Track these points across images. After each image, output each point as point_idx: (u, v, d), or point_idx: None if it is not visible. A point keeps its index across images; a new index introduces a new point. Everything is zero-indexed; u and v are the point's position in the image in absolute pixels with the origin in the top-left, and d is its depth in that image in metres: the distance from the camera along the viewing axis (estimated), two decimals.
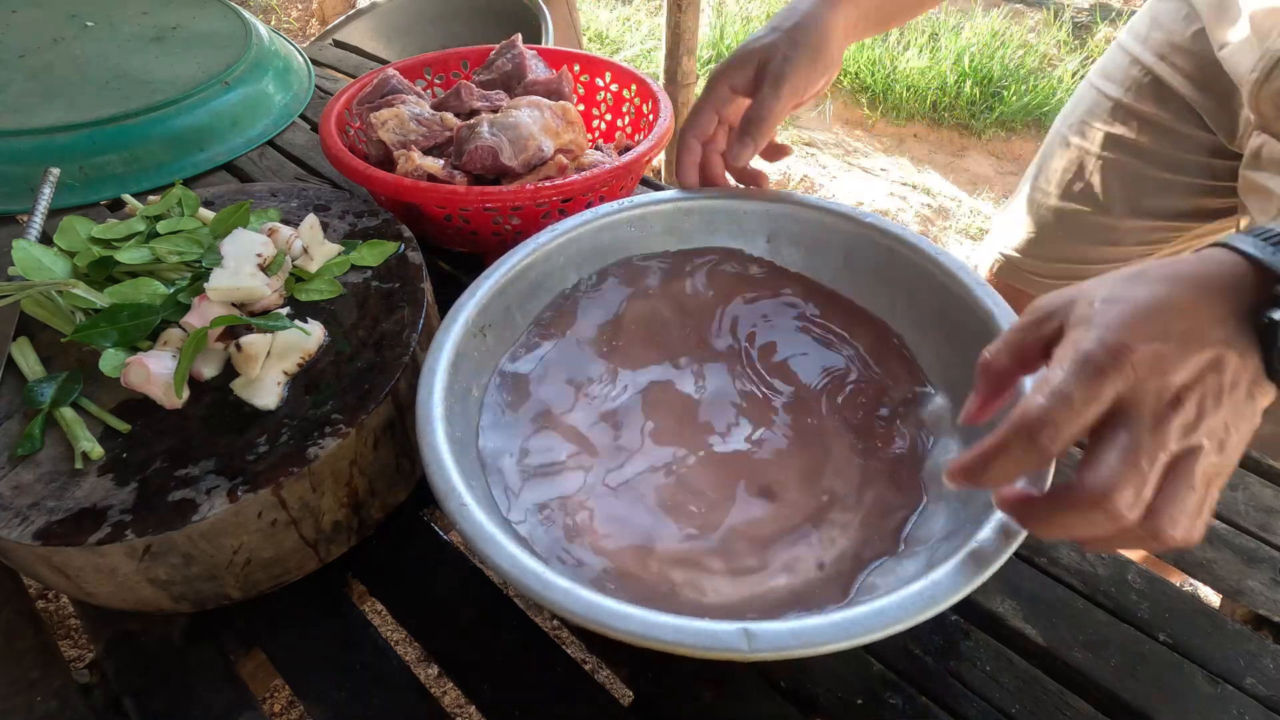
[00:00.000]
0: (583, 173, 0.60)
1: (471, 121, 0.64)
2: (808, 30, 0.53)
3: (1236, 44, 0.62)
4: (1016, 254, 0.85)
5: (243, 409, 0.44)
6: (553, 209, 0.61)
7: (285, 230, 0.54)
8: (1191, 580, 0.52)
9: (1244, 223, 0.67)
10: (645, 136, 0.66)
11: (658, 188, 0.79)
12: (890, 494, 0.43)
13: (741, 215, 0.55)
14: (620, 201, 0.55)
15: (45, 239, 0.56)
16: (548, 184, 0.58)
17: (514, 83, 0.74)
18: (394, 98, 0.70)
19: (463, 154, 0.62)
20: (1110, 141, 0.74)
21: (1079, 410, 0.28)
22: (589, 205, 0.63)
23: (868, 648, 0.42)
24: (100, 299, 0.47)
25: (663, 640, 0.30)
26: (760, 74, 0.53)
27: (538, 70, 0.76)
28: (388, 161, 0.66)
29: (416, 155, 0.62)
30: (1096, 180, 0.76)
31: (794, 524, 0.41)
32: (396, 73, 0.73)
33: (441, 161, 0.63)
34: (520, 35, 0.77)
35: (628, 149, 0.68)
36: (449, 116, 0.67)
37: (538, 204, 0.59)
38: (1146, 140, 0.72)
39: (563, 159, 0.64)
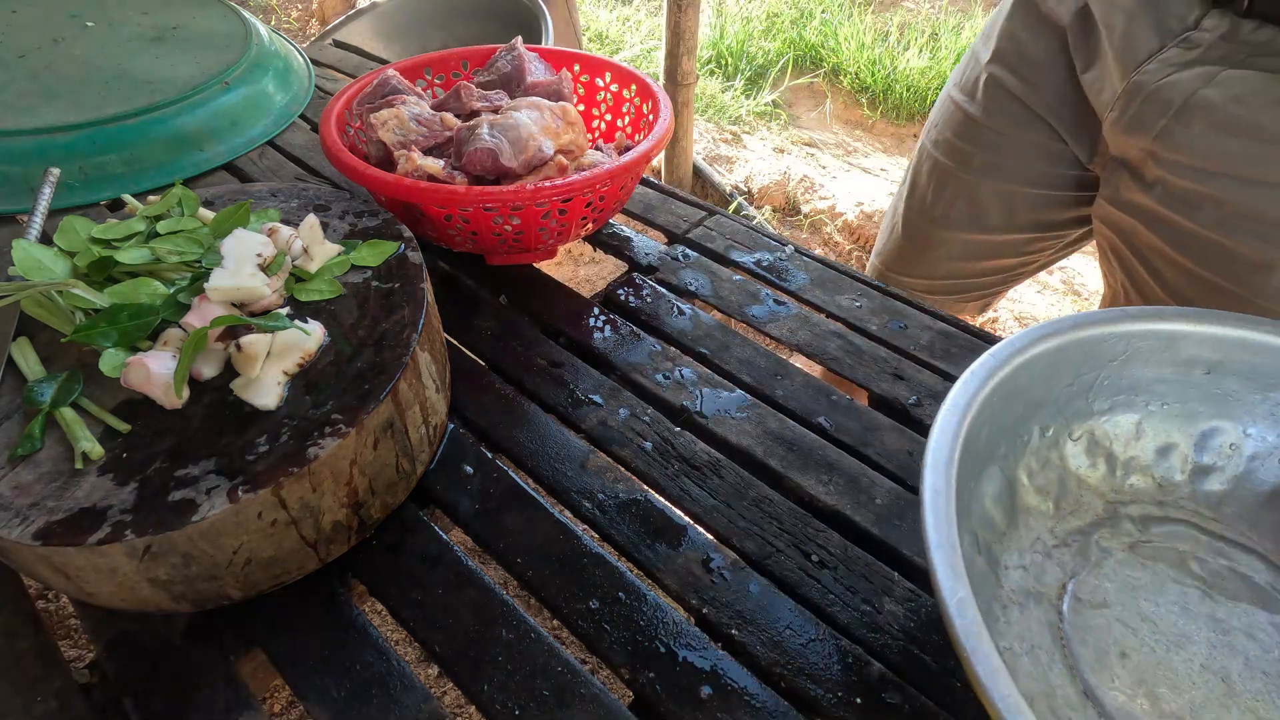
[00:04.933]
0: (583, 173, 0.60)
1: (471, 123, 0.64)
2: None
3: (1098, 71, 0.59)
4: (895, 273, 0.83)
5: (243, 409, 0.44)
6: (553, 209, 0.61)
7: (285, 230, 0.54)
8: None
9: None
10: (645, 136, 0.66)
11: (658, 189, 0.79)
12: None
13: None
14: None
15: (45, 239, 0.56)
16: (547, 184, 0.58)
17: (514, 84, 0.74)
18: (394, 98, 0.69)
19: (463, 155, 0.62)
20: (976, 162, 0.71)
21: None
22: (589, 205, 0.63)
23: (868, 648, 0.42)
24: (100, 299, 0.47)
25: None
26: None
27: (537, 71, 0.76)
28: (388, 162, 0.66)
29: (417, 156, 0.62)
30: (965, 199, 0.73)
31: None
32: (396, 73, 0.73)
33: (442, 162, 0.63)
34: (521, 38, 0.77)
35: (628, 149, 0.67)
36: (449, 117, 0.67)
37: (537, 204, 0.59)
38: (1010, 159, 0.69)
39: (563, 159, 0.64)
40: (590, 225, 0.68)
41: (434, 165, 0.62)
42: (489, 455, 0.53)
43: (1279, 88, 0.48)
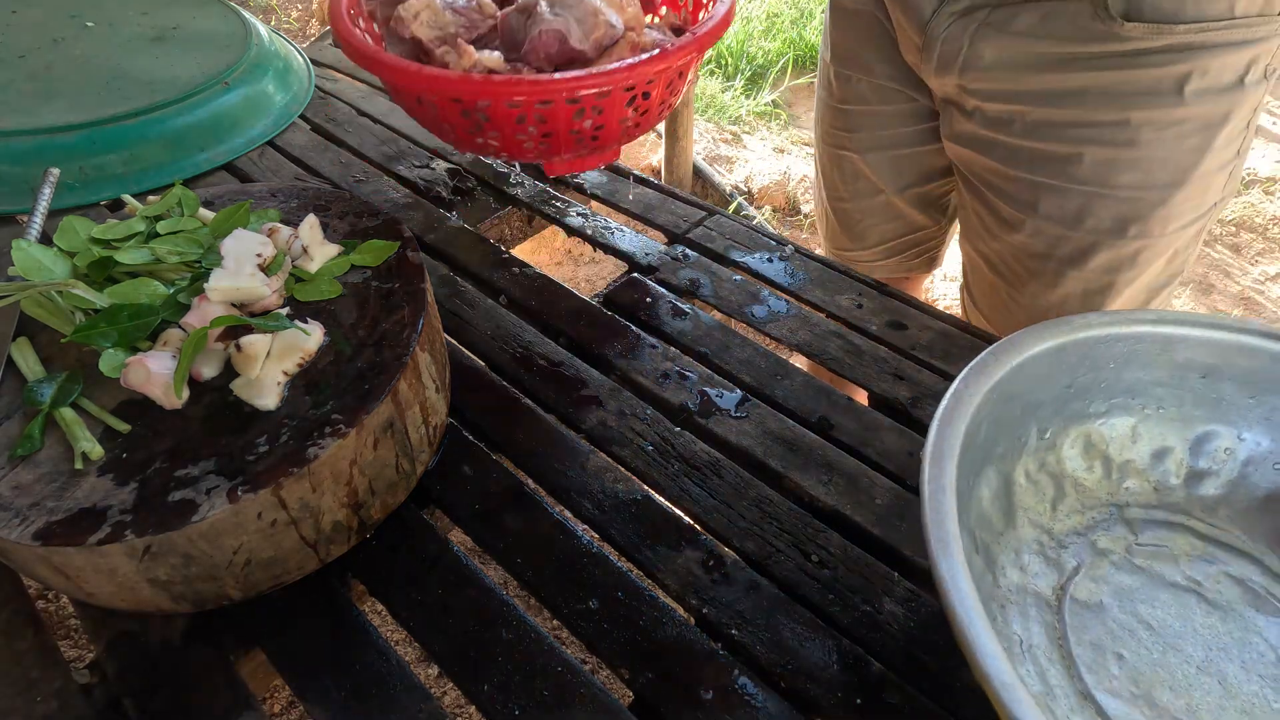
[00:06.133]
0: (656, 50, 0.51)
1: (520, 4, 0.55)
2: None
3: (901, 36, 0.68)
4: (841, 251, 0.92)
5: (242, 409, 0.44)
6: (640, 93, 0.53)
7: (285, 230, 0.54)
8: None
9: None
10: (693, 15, 0.59)
11: (658, 189, 0.79)
12: None
13: None
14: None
15: (45, 239, 0.56)
16: (644, 59, 0.49)
17: None
18: None
19: (519, 43, 0.54)
20: (854, 144, 0.81)
21: None
22: (669, 86, 0.56)
23: (868, 648, 0.42)
24: (100, 299, 0.47)
25: None
26: None
27: None
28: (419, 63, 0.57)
29: (472, 49, 0.53)
30: (858, 175, 0.83)
31: None
32: None
33: (498, 54, 0.54)
34: None
35: (678, 31, 0.61)
36: (486, 2, 0.58)
37: (629, 88, 0.51)
38: (878, 131, 0.78)
39: (633, 36, 0.56)
40: (665, 111, 0.60)
41: (494, 59, 0.53)
42: (489, 455, 0.53)
43: (1033, 17, 0.58)
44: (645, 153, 2.19)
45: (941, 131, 0.73)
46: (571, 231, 0.74)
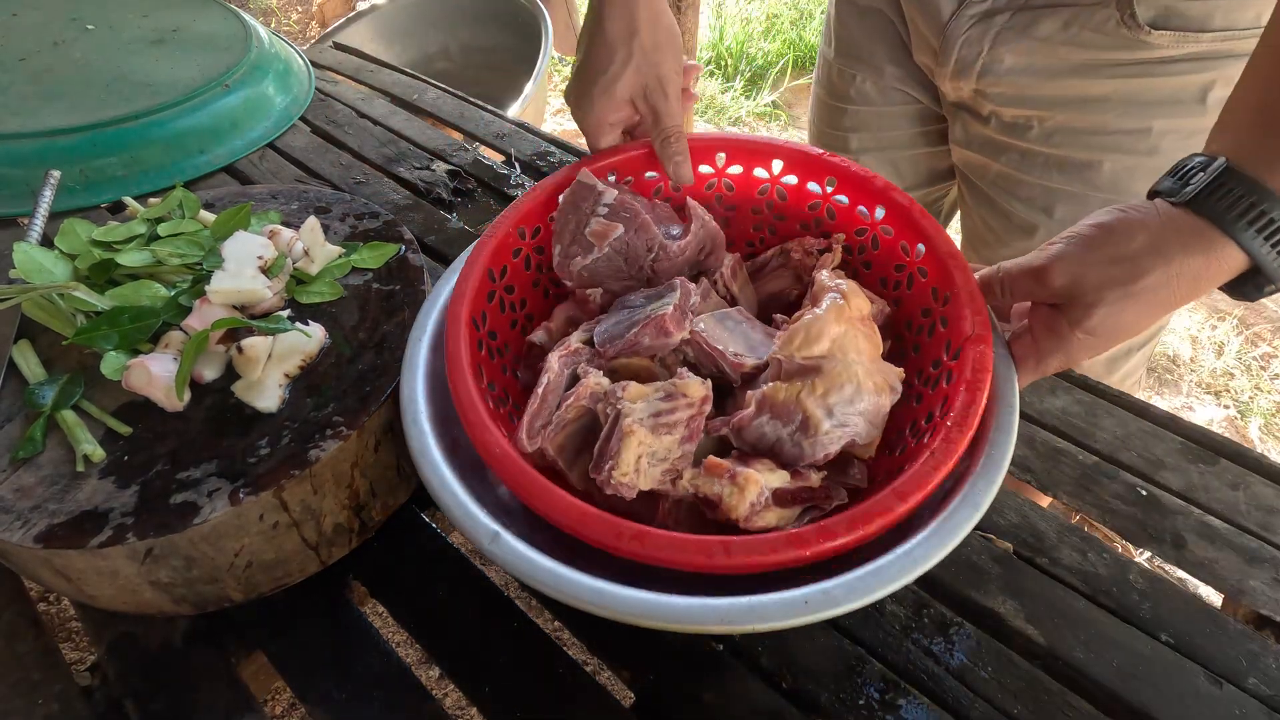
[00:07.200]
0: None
1: (775, 392, 0.40)
2: (636, 24, 0.49)
3: (914, 37, 0.67)
4: None
5: (244, 411, 0.44)
6: None
7: (286, 232, 0.54)
8: (1193, 580, 0.52)
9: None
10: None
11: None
12: None
13: None
14: None
15: (46, 242, 0.56)
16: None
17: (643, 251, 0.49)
18: (580, 390, 0.41)
19: (795, 459, 0.40)
20: (853, 144, 0.79)
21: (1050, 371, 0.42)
22: None
23: (870, 648, 0.42)
24: (101, 301, 0.47)
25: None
26: (646, 96, 0.51)
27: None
28: (585, 493, 0.41)
29: (754, 474, 0.38)
30: None
31: None
32: (543, 334, 0.48)
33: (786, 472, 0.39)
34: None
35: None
36: (691, 384, 0.40)
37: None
38: (879, 133, 0.77)
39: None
40: None
41: (780, 478, 0.38)
42: None
43: (1056, 22, 0.57)
44: None
45: (951, 136, 0.72)
46: None
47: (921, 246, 0.46)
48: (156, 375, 0.43)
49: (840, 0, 0.75)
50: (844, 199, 0.50)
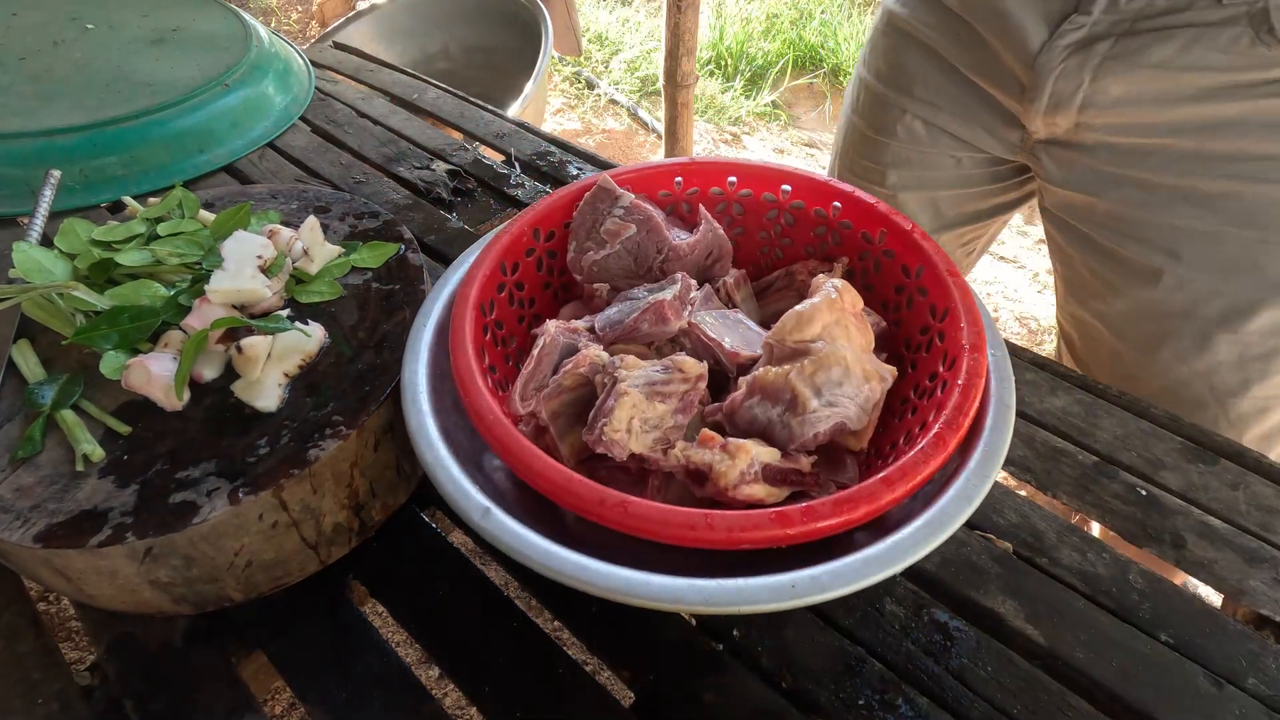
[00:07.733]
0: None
1: (784, 370, 0.40)
2: None
3: (992, 69, 0.61)
4: None
5: (243, 411, 0.44)
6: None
7: (285, 232, 0.54)
8: (1193, 580, 0.52)
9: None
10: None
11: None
12: None
13: None
14: None
15: (46, 241, 0.56)
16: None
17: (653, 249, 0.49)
18: (581, 358, 0.42)
19: (786, 439, 0.40)
20: (891, 180, 0.73)
21: None
22: None
23: (870, 647, 0.42)
24: (101, 301, 0.47)
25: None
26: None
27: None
28: (590, 464, 0.43)
29: (748, 444, 0.38)
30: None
31: None
32: (555, 324, 0.46)
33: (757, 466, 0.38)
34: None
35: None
36: (689, 363, 0.41)
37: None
38: (922, 171, 0.71)
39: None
40: None
41: (771, 454, 0.39)
42: None
43: (1173, 47, 0.51)
44: (645, 154, 2.19)
45: (1043, 179, 0.65)
46: None
47: (921, 267, 0.46)
48: (156, 375, 0.43)
49: (894, 30, 0.69)
50: (849, 223, 0.50)
